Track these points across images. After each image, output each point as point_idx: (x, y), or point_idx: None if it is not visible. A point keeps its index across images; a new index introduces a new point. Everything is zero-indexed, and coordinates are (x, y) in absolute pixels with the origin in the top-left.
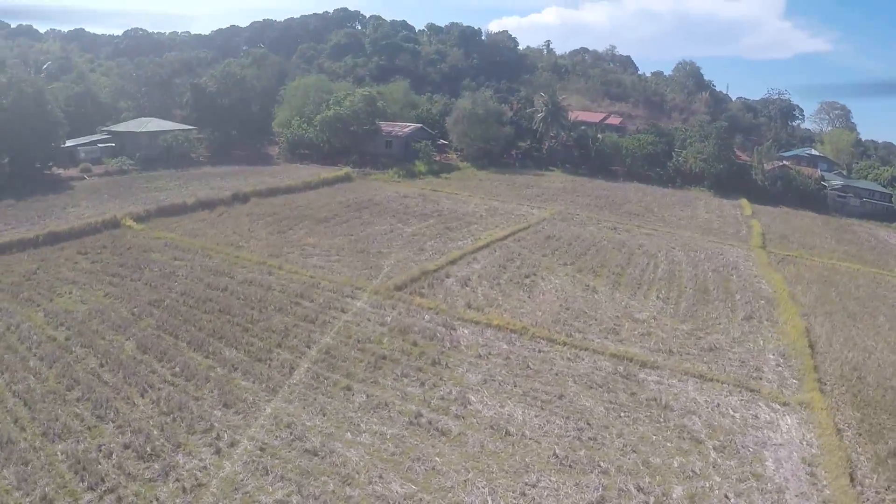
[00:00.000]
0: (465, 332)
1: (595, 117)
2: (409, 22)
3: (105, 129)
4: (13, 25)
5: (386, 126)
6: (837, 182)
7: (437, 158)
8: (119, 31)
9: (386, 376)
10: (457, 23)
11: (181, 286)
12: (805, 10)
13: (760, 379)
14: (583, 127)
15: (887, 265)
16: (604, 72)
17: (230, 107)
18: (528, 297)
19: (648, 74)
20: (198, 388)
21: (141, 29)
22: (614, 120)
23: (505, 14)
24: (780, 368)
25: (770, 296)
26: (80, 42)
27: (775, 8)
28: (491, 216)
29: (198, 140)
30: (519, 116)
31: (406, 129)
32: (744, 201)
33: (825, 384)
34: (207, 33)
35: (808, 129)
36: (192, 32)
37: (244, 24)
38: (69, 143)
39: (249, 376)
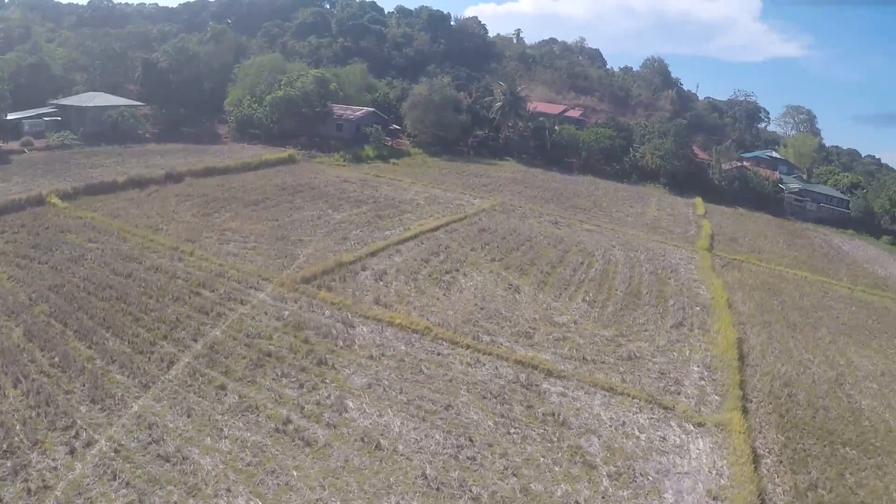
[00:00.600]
0: (364, 330)
1: (555, 109)
2: (379, 3)
3: (53, 102)
4: None
5: (338, 109)
6: (795, 185)
7: (390, 143)
8: (84, 1)
9: (265, 376)
10: (426, 6)
11: (86, 271)
12: (781, 14)
13: (678, 394)
14: (541, 118)
15: (837, 274)
16: (571, 64)
17: (181, 84)
18: (444, 294)
19: (617, 69)
20: (70, 381)
21: None
22: (574, 112)
23: (482, 1)
24: (702, 382)
25: (706, 302)
26: (42, 11)
27: (751, 10)
28: (429, 205)
29: (145, 116)
30: (477, 105)
31: (358, 113)
32: (698, 200)
33: (750, 401)
34: (175, 6)
35: (774, 132)
36: (160, 4)
37: None
38: (13, 116)
39: (126, 370)
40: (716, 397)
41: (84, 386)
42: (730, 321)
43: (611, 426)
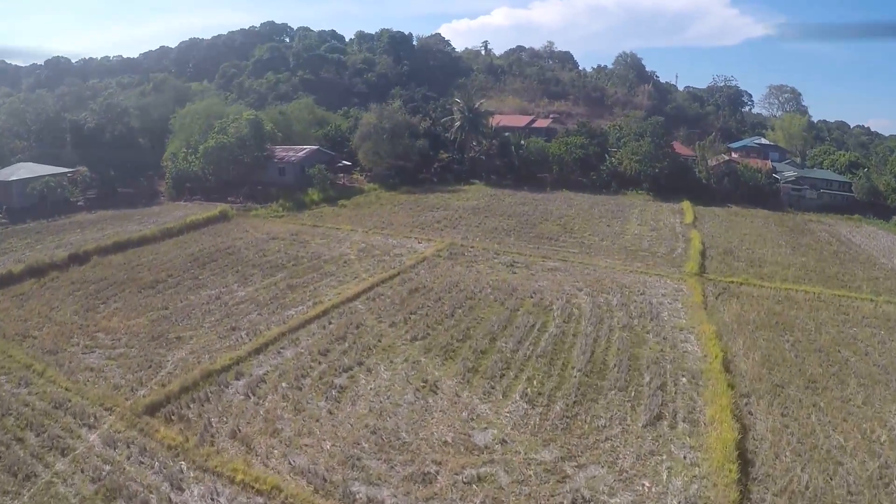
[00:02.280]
0: (196, 492)
1: (521, 121)
2: (340, 31)
3: None
4: None
5: (280, 151)
6: (791, 173)
7: (341, 182)
8: (41, 61)
9: None
10: (386, 28)
11: None
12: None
13: None
14: (506, 133)
15: (854, 281)
16: (541, 70)
17: (112, 142)
18: (331, 410)
19: (590, 69)
20: None
21: (63, 57)
22: (543, 123)
23: (455, 18)
24: None
25: (696, 367)
26: (2, 75)
27: None
28: (361, 259)
29: (74, 183)
30: (438, 127)
31: (300, 154)
32: (686, 204)
33: None
34: (136, 56)
35: (760, 114)
36: (125, 56)
37: (174, 44)
38: None
39: None
40: None
41: None
42: (727, 399)
43: None
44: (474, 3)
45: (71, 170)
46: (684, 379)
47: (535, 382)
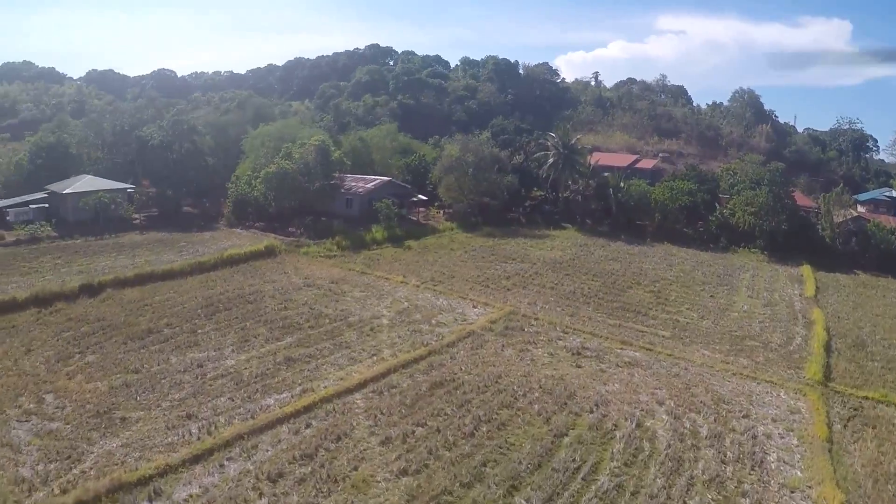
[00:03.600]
0: None
1: (623, 161)
2: (447, 57)
3: (47, 187)
4: (39, 66)
5: (351, 181)
6: None
7: (415, 218)
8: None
9: None
10: (492, 55)
11: None
12: (872, 34)
13: None
14: (605, 173)
15: None
16: (652, 104)
17: (179, 160)
18: None
19: (704, 106)
20: None
21: (168, 70)
22: (647, 163)
23: (571, 50)
24: None
25: None
26: (106, 83)
27: (841, 34)
28: (395, 326)
29: (129, 201)
30: (533, 163)
31: (369, 185)
32: (806, 270)
33: None
34: (243, 73)
35: (883, 161)
36: (235, 72)
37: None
38: (2, 204)
39: None
40: None
41: None
42: None
43: None
44: (591, 35)
45: (131, 186)
46: None
47: None
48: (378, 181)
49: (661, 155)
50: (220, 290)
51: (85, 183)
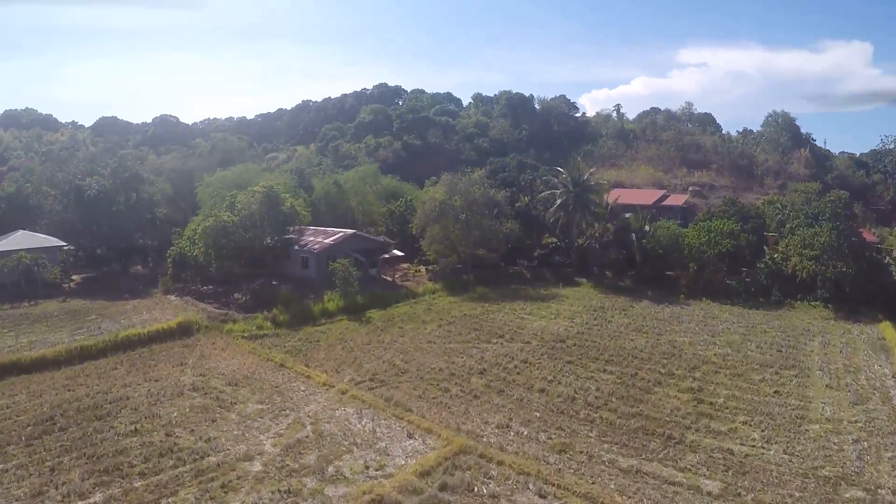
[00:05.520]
0: None
1: (647, 198)
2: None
3: None
4: (41, 112)
5: (310, 235)
6: None
7: (391, 279)
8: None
9: None
10: (506, 90)
11: None
12: (893, 56)
13: None
14: (626, 214)
15: None
16: (678, 134)
17: (119, 214)
18: None
19: (734, 133)
20: None
21: (172, 116)
22: (676, 199)
23: (595, 87)
24: None
25: None
26: (111, 130)
27: (862, 56)
28: (265, 479)
29: (54, 262)
30: (539, 205)
31: (328, 241)
32: (887, 329)
33: None
34: (251, 117)
35: None
36: (248, 118)
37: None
38: None
39: None
40: None
41: None
42: None
43: None
44: (612, 72)
45: (65, 245)
46: None
47: None
48: (339, 235)
49: (690, 188)
50: (81, 392)
51: (13, 240)
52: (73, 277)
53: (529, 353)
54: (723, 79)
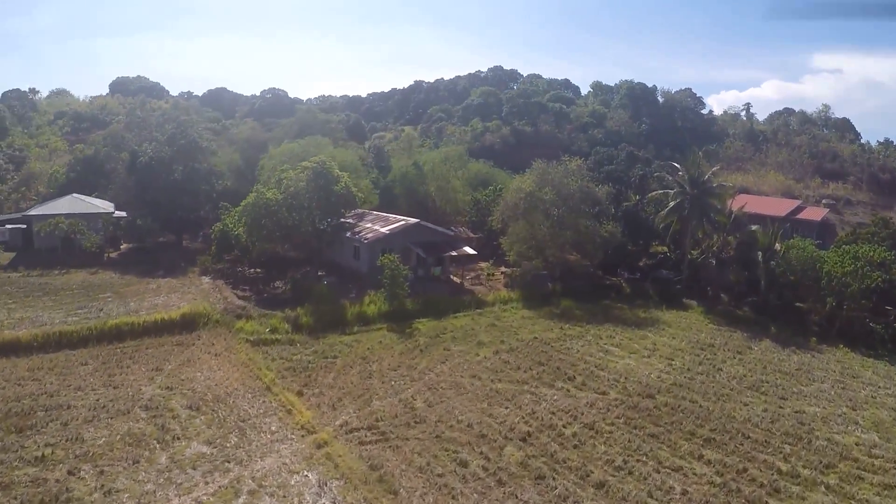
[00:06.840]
0: None
1: (779, 207)
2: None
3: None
4: (151, 79)
5: (368, 221)
6: None
7: (459, 281)
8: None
9: None
10: (627, 80)
11: None
12: None
13: None
14: (752, 227)
15: None
16: (813, 139)
17: (173, 183)
18: None
19: (875, 143)
20: None
21: (279, 89)
22: (814, 212)
23: (724, 89)
24: None
25: None
26: (221, 100)
27: None
28: None
29: (94, 230)
30: (648, 204)
31: (384, 229)
32: None
33: None
34: (364, 95)
35: None
36: (351, 95)
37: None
38: None
39: None
40: None
41: None
42: None
43: None
44: (742, 73)
45: (115, 212)
46: None
47: None
48: (400, 223)
49: (824, 201)
50: (29, 390)
51: (59, 204)
52: (122, 247)
53: (601, 412)
54: (857, 87)
